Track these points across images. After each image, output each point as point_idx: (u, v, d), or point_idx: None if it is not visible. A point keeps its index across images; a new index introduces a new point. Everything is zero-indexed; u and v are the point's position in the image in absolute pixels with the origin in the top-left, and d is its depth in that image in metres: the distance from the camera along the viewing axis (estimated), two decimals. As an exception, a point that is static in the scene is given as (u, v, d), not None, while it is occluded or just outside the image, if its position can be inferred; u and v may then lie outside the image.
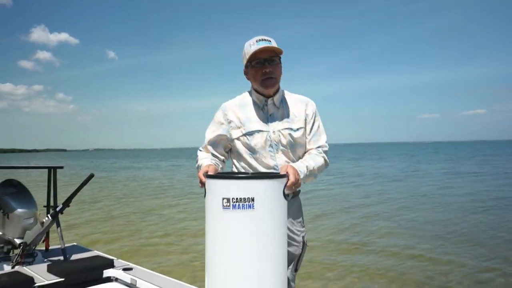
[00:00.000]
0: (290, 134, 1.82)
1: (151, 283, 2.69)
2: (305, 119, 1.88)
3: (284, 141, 1.81)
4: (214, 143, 1.90)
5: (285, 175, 1.45)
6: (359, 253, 5.64)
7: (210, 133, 1.90)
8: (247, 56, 1.78)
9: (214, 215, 1.35)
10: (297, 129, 1.84)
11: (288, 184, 1.43)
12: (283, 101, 1.89)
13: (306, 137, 1.88)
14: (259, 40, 1.75)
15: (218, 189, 1.33)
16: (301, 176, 1.62)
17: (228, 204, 1.30)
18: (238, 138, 1.82)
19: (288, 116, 1.85)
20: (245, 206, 1.29)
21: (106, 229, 7.79)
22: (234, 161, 1.93)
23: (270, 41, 1.76)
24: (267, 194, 1.33)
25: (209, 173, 1.51)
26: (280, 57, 1.81)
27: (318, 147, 1.87)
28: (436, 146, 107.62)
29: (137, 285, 2.73)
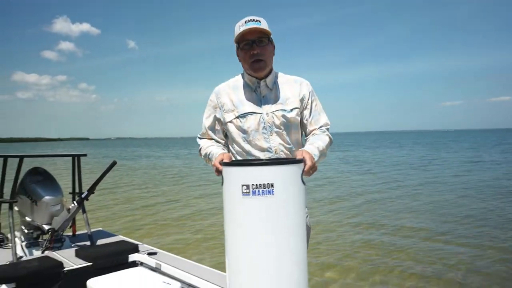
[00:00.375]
0: (283, 115, 1.79)
1: (175, 267, 2.76)
2: (301, 100, 1.84)
3: (277, 122, 1.79)
4: (212, 128, 1.89)
5: (302, 160, 1.45)
6: (371, 233, 5.70)
7: (207, 118, 1.89)
8: (237, 37, 1.76)
9: (234, 202, 1.36)
10: (291, 110, 1.81)
11: (305, 169, 1.43)
12: (276, 82, 1.86)
13: (304, 119, 1.86)
14: (248, 21, 1.73)
15: (237, 176, 1.34)
16: (315, 159, 1.60)
17: (247, 190, 1.30)
18: (231, 121, 1.80)
19: (281, 98, 1.82)
20: (264, 192, 1.30)
21: (126, 213, 8.00)
22: (229, 145, 1.91)
23: (259, 21, 1.73)
24: (286, 179, 1.34)
25: (224, 160, 1.51)
26: (269, 38, 1.78)
27: (321, 126, 1.86)
28: (459, 134, 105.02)
29: (161, 269, 2.81)
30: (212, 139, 1.90)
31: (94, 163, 22.64)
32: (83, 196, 3.28)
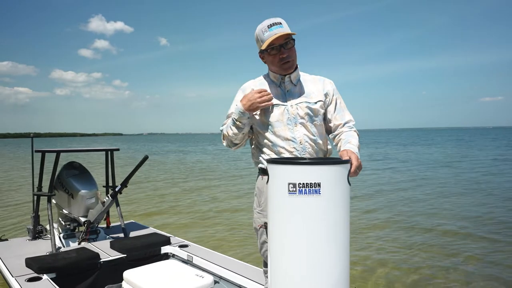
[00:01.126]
0: (308, 107, 1.84)
1: (206, 260, 2.80)
2: (325, 95, 1.90)
3: (301, 113, 1.83)
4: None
5: (349, 161, 1.43)
6: (393, 229, 5.50)
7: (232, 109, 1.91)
8: (262, 44, 1.79)
9: (279, 199, 1.35)
10: (315, 102, 1.86)
11: (352, 170, 1.44)
12: (300, 80, 1.91)
13: (329, 114, 1.91)
14: (271, 25, 1.77)
15: (284, 174, 1.33)
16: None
17: (294, 189, 1.30)
18: (256, 113, 1.85)
19: (305, 92, 1.88)
20: (311, 191, 1.29)
21: (156, 206, 8.17)
22: (254, 139, 1.95)
23: (281, 23, 1.78)
24: (333, 179, 1.33)
25: (256, 90, 1.69)
26: (294, 39, 1.82)
27: (346, 122, 1.90)
28: (497, 132, 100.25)
29: (193, 261, 2.85)
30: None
31: (127, 158, 23.30)
32: (116, 189, 3.37)
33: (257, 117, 1.86)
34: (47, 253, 2.91)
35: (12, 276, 2.45)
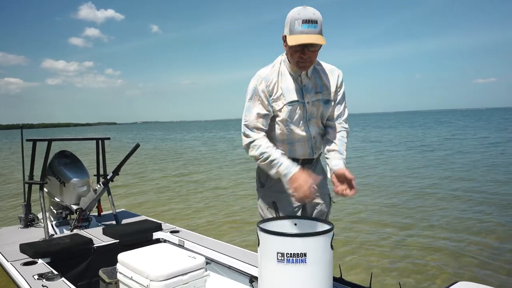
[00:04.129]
0: (322, 106, 1.86)
1: (198, 244, 2.86)
2: (336, 90, 1.90)
3: (315, 112, 1.85)
4: (266, 117, 1.81)
5: (332, 228, 1.54)
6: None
7: (257, 107, 1.80)
8: (289, 35, 1.69)
9: (269, 266, 1.51)
10: (328, 101, 1.88)
11: (353, 185, 1.66)
12: (315, 71, 1.87)
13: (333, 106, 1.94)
14: (306, 21, 1.65)
15: (273, 244, 1.48)
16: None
17: (282, 258, 1.44)
18: (280, 109, 1.80)
19: (320, 87, 1.86)
20: (298, 260, 1.43)
21: (146, 194, 8.24)
22: (269, 132, 1.89)
23: (316, 22, 1.66)
24: (319, 248, 1.47)
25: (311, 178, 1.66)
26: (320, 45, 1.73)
27: (342, 117, 1.94)
28: (489, 113, 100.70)
29: (185, 246, 2.92)
30: (262, 130, 1.81)
31: (119, 146, 23.19)
32: (108, 177, 3.40)
33: (280, 113, 1.80)
34: (41, 239, 2.95)
35: (8, 261, 2.50)
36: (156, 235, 3.17)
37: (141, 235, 3.09)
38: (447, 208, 6.08)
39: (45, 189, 3.44)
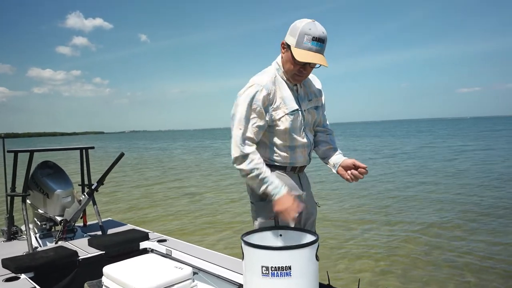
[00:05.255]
0: (314, 113, 1.91)
1: (185, 253, 2.82)
2: (321, 95, 1.97)
3: (310, 119, 1.90)
4: (262, 128, 1.76)
5: (317, 240, 1.54)
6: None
7: (255, 117, 1.73)
8: (295, 48, 1.64)
9: (254, 280, 1.49)
10: (318, 108, 1.93)
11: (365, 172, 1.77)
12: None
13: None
14: (316, 39, 1.62)
15: (257, 258, 1.46)
16: None
17: (267, 272, 1.43)
18: (280, 119, 1.76)
19: (310, 95, 1.90)
20: (282, 274, 1.42)
21: (134, 204, 8.16)
22: (267, 142, 1.83)
23: (324, 41, 1.64)
24: (303, 261, 1.46)
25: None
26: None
27: (326, 122, 2.05)
28: (473, 122, 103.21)
29: (172, 255, 2.87)
30: (255, 143, 1.76)
31: (105, 156, 22.99)
32: (93, 187, 3.35)
33: (280, 123, 1.77)
34: (24, 253, 2.88)
35: None
36: (143, 244, 3.12)
37: (127, 245, 3.04)
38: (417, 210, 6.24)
39: (28, 201, 3.36)
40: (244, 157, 1.70)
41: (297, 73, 1.73)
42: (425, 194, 8.06)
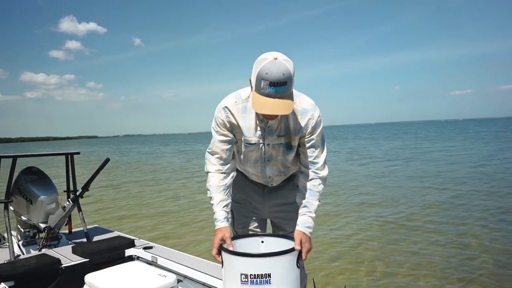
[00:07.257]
0: (283, 151, 1.74)
1: (171, 260, 2.78)
2: (305, 133, 1.70)
3: (276, 154, 1.75)
4: (229, 142, 1.76)
5: (300, 249, 1.52)
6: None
7: (217, 132, 1.74)
8: (255, 99, 1.50)
9: None
10: (290, 145, 1.73)
11: (303, 257, 1.54)
12: None
13: (302, 147, 1.74)
14: (274, 84, 1.44)
15: (236, 265, 1.42)
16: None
17: (246, 280, 1.39)
18: (237, 141, 1.78)
19: (283, 130, 1.70)
20: (262, 281, 1.39)
21: (120, 210, 8.09)
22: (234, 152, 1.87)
23: (285, 84, 1.45)
24: (283, 268, 1.42)
25: (225, 237, 1.56)
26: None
27: (319, 167, 1.72)
28: (465, 124, 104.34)
29: (158, 263, 2.83)
30: (221, 159, 1.74)
31: (97, 160, 22.87)
32: (77, 193, 3.29)
33: (237, 145, 1.78)
34: (5, 261, 2.82)
35: None
36: (129, 252, 3.07)
37: (112, 253, 2.98)
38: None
39: (11, 208, 3.30)
40: (207, 173, 1.77)
41: (264, 117, 1.62)
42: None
